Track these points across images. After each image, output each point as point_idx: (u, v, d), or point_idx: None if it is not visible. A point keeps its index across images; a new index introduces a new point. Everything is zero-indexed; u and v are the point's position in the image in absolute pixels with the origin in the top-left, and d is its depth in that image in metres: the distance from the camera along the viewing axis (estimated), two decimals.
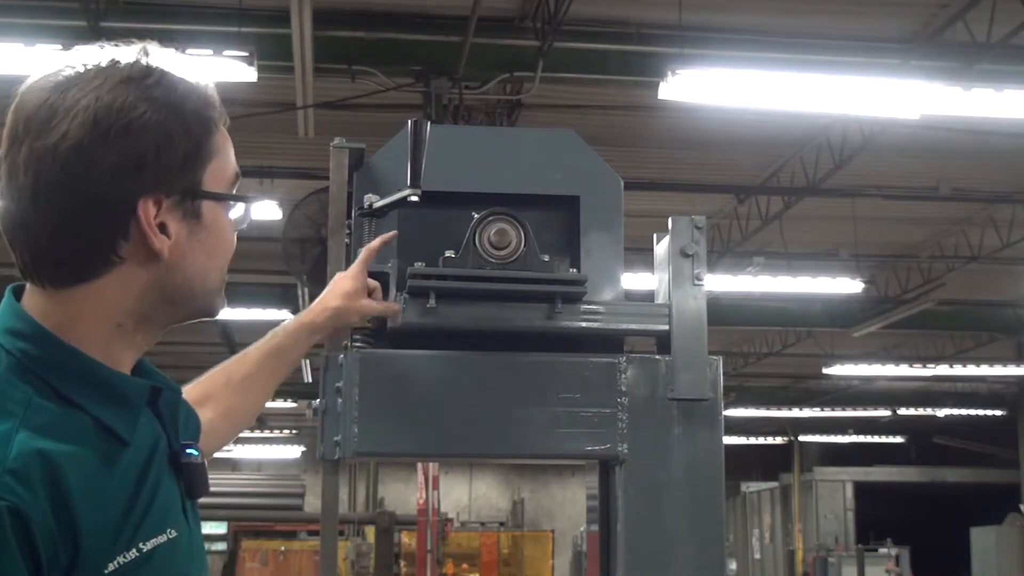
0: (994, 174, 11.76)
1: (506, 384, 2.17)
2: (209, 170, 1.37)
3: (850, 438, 27.14)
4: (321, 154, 2.49)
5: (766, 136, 10.71)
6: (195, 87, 1.38)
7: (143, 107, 1.29)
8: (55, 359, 1.27)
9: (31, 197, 1.27)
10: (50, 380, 1.26)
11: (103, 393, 1.29)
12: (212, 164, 1.37)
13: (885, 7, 8.62)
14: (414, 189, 2.08)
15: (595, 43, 8.85)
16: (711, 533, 2.19)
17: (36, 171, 1.26)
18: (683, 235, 2.27)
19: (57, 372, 1.27)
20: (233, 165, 1.43)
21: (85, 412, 1.26)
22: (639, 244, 2.69)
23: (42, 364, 1.26)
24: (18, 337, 1.28)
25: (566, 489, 30.19)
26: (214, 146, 1.38)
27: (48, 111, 1.27)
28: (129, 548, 1.23)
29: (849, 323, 16.07)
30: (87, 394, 1.27)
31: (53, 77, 1.30)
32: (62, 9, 8.06)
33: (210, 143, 1.37)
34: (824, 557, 22.50)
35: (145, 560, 1.25)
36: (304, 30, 7.50)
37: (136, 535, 1.25)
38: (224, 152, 1.41)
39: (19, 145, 1.27)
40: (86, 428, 1.25)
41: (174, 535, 1.31)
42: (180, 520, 1.35)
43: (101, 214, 1.28)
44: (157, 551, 1.27)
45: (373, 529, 11.61)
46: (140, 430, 1.33)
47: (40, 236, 1.28)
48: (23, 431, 1.19)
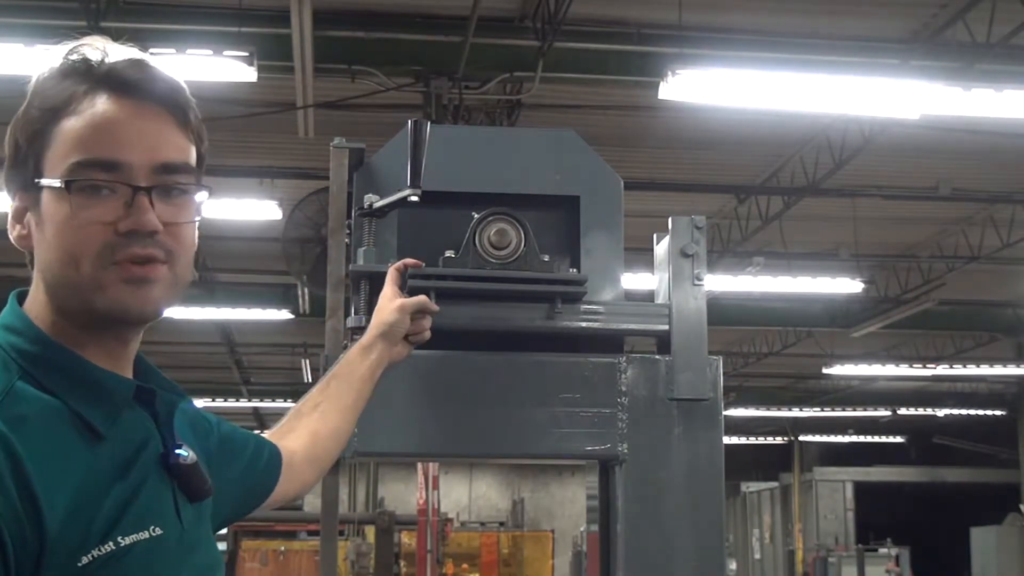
0: (994, 174, 11.76)
1: (506, 384, 2.17)
2: (47, 159, 1.33)
3: (850, 438, 27.14)
4: (321, 154, 2.49)
5: (766, 136, 10.71)
6: (57, 72, 1.35)
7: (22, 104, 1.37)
8: (39, 354, 1.32)
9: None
10: (34, 372, 1.29)
11: (83, 387, 1.31)
12: (49, 152, 1.33)
13: (885, 7, 8.62)
14: (414, 189, 2.08)
15: (595, 43, 8.85)
16: (711, 533, 2.19)
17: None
18: (683, 235, 2.27)
19: (40, 365, 1.30)
20: (83, 147, 1.31)
21: (63, 403, 1.28)
22: (639, 244, 2.69)
23: (28, 357, 1.31)
24: (12, 333, 1.34)
25: (566, 489, 30.19)
26: (55, 133, 1.32)
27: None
28: (104, 541, 1.24)
29: (849, 323, 16.07)
30: (67, 387, 1.30)
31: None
32: (62, 9, 8.06)
33: (48, 130, 1.33)
34: (824, 557, 22.49)
35: (123, 555, 1.25)
36: (304, 30, 7.50)
37: (113, 529, 1.25)
38: (67, 137, 1.32)
39: None
40: (61, 419, 1.27)
41: (159, 533, 1.30)
42: (170, 519, 1.34)
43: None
44: (136, 547, 1.27)
45: (373, 529, 11.61)
46: (124, 427, 1.33)
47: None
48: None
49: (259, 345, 18.42)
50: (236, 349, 18.73)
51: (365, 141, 2.29)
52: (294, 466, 1.83)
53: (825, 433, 27.06)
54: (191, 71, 7.04)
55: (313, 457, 1.90)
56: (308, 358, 17.65)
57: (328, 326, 2.19)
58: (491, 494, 30.23)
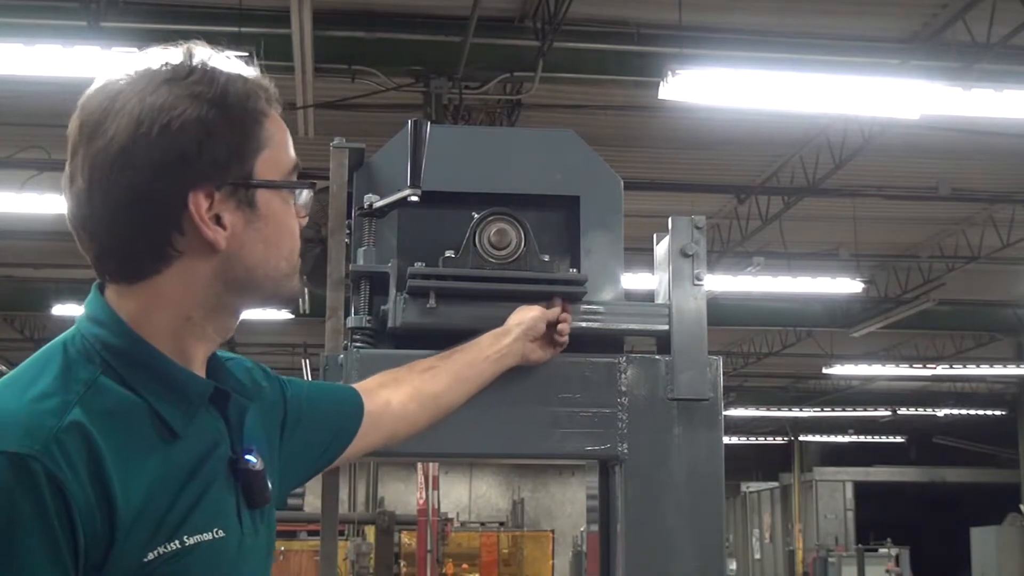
0: (994, 174, 11.77)
1: (506, 384, 2.17)
2: (261, 159, 1.39)
3: (850, 438, 27.15)
4: (321, 154, 2.49)
5: (766, 136, 10.71)
6: (238, 80, 1.40)
7: (184, 104, 1.33)
8: (124, 348, 1.34)
9: (87, 199, 1.34)
10: (116, 367, 1.32)
11: (164, 386, 1.34)
12: (264, 153, 1.40)
13: (885, 7, 8.62)
14: (414, 189, 2.08)
15: (595, 43, 8.85)
16: (711, 533, 2.19)
17: (89, 174, 1.33)
18: (683, 235, 2.26)
19: (124, 360, 1.33)
20: (290, 153, 1.45)
21: (144, 400, 1.31)
22: (639, 244, 2.69)
23: (112, 351, 1.33)
24: (97, 324, 1.36)
25: (566, 489, 30.20)
26: (264, 136, 1.40)
27: (100, 116, 1.34)
28: (171, 539, 1.27)
29: (849, 323, 16.07)
30: (148, 384, 1.32)
31: (110, 83, 1.36)
32: (62, 9, 8.06)
33: (258, 133, 1.39)
34: (824, 557, 22.50)
35: (187, 553, 1.28)
36: (304, 30, 7.51)
37: (180, 528, 1.29)
38: (277, 141, 1.42)
39: (77, 150, 1.35)
40: (141, 416, 1.30)
41: (221, 535, 1.34)
42: (232, 523, 1.37)
43: (150, 210, 1.33)
44: (200, 547, 1.30)
45: (373, 529, 11.60)
46: (198, 427, 1.36)
47: (99, 235, 1.35)
48: (78, 408, 1.25)
49: (259, 345, 18.43)
50: (236, 349, 18.70)
51: (365, 141, 2.29)
52: (383, 416, 1.85)
53: (825, 433, 27.07)
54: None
55: (405, 414, 1.91)
56: (308, 358, 17.64)
57: (328, 326, 2.18)
58: (491, 494, 30.24)
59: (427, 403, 1.95)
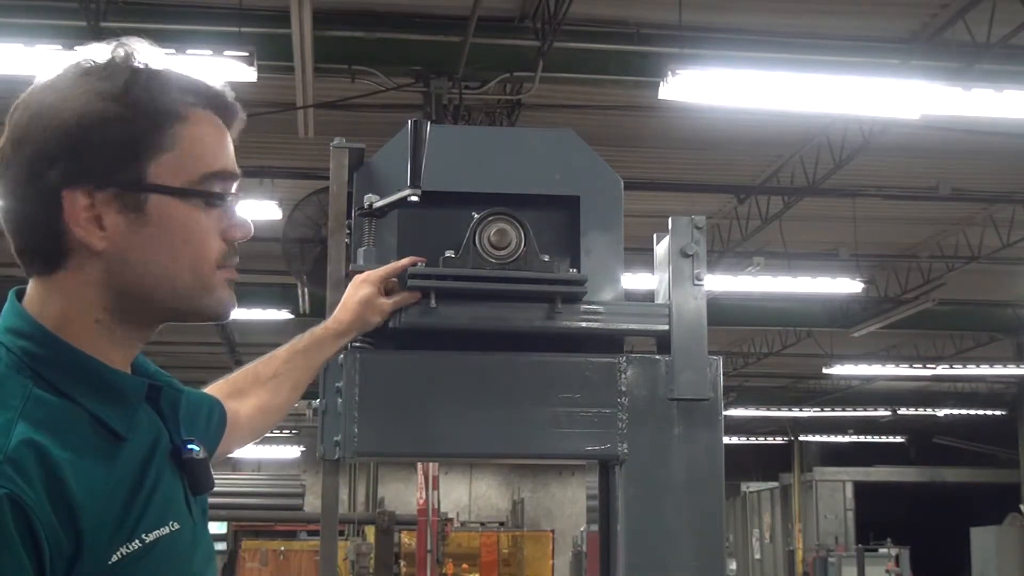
0: (994, 174, 11.76)
1: (506, 384, 2.17)
2: (159, 162, 1.32)
3: (850, 438, 27.15)
4: (321, 154, 2.49)
5: (766, 136, 10.71)
6: (153, 78, 1.34)
7: (80, 101, 1.29)
8: (52, 356, 1.30)
9: (1, 192, 1.34)
10: (47, 376, 1.28)
11: (98, 389, 1.31)
12: (165, 156, 1.32)
13: (885, 7, 8.62)
14: (414, 189, 2.08)
15: (595, 43, 8.85)
16: (711, 533, 2.19)
17: (1, 167, 1.33)
18: (683, 235, 2.26)
19: (54, 368, 1.29)
20: (207, 159, 1.36)
21: (81, 407, 1.28)
22: (639, 244, 2.69)
23: (40, 360, 1.29)
24: (18, 335, 1.31)
25: (566, 489, 30.18)
26: (169, 138, 1.33)
27: (15, 110, 1.33)
28: (131, 539, 1.26)
29: (849, 323, 16.07)
30: (82, 390, 1.29)
31: (44, 79, 1.35)
32: (62, 9, 8.06)
33: (159, 135, 1.32)
34: (824, 557, 22.48)
35: (148, 551, 1.28)
36: (304, 30, 7.50)
37: (138, 526, 1.28)
38: (190, 144, 1.34)
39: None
40: (82, 422, 1.27)
41: (177, 527, 1.34)
42: (183, 513, 1.37)
43: (34, 206, 1.31)
44: (160, 542, 1.30)
45: (373, 529, 11.60)
46: (139, 426, 1.35)
47: (8, 227, 1.34)
48: (22, 423, 1.21)
49: (259, 345, 18.32)
50: (236, 349, 18.72)
51: (365, 141, 2.29)
52: (232, 429, 1.85)
53: (825, 433, 27.07)
54: (191, 71, 7.04)
55: (252, 428, 1.95)
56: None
57: None
58: (491, 494, 30.23)
59: (270, 415, 2.00)
